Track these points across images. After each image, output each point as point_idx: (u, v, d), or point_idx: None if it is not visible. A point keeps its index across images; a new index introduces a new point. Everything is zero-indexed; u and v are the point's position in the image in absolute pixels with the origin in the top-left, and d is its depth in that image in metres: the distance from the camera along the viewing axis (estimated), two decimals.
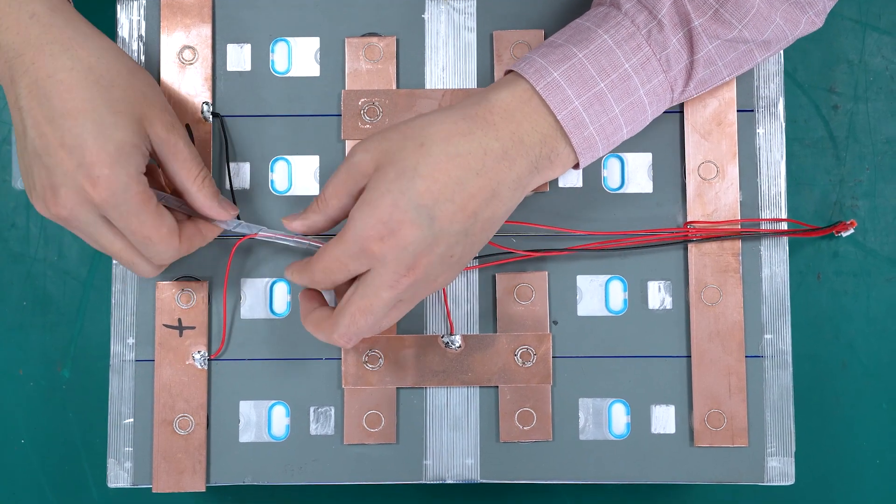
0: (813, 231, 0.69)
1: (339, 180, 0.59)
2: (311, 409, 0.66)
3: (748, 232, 0.66)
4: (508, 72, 0.61)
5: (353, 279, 0.59)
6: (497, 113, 0.58)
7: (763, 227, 0.67)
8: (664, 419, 0.66)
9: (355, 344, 0.60)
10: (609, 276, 0.67)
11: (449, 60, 0.68)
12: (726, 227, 0.66)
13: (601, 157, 0.65)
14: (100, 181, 0.56)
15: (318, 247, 0.63)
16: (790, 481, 0.66)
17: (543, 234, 0.67)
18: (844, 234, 0.72)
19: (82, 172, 0.56)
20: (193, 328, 0.66)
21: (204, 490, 0.66)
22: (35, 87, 0.57)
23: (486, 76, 0.68)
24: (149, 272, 0.62)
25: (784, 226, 0.67)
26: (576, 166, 0.61)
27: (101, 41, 0.59)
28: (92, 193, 0.57)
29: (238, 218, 0.65)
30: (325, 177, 0.68)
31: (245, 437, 0.66)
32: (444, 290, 0.67)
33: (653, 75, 0.60)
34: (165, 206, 0.60)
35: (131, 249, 0.60)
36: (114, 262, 0.67)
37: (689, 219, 0.67)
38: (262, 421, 0.66)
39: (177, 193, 0.62)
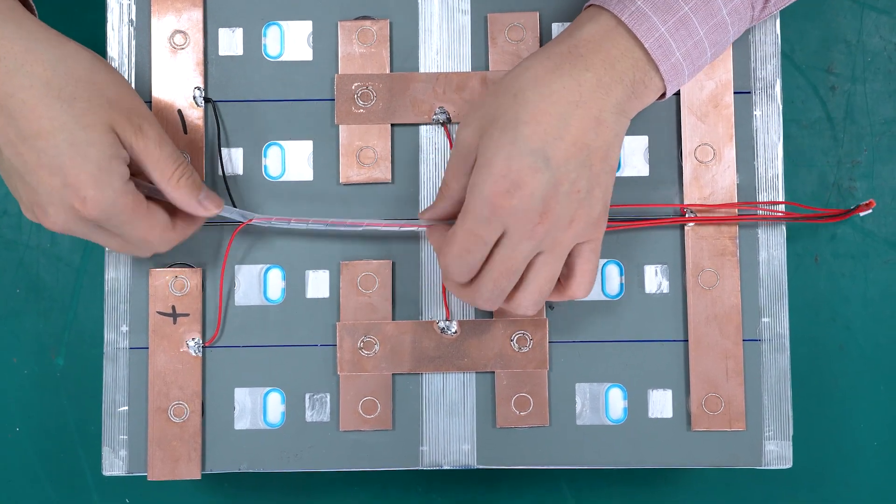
0: (820, 217, 0.69)
1: (453, 162, 0.60)
2: (307, 396, 0.66)
3: (749, 219, 0.66)
4: (588, 6, 0.61)
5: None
6: (583, 46, 0.58)
7: (761, 210, 0.66)
8: (661, 403, 0.66)
9: (497, 306, 0.61)
10: (605, 261, 0.67)
11: (443, 43, 0.68)
12: (724, 211, 0.66)
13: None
14: (87, 201, 0.56)
15: (321, 226, 0.63)
16: (788, 465, 0.66)
17: None
18: (862, 214, 0.70)
19: (69, 193, 0.56)
20: (187, 315, 0.66)
21: (199, 478, 0.65)
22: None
23: (480, 59, 0.67)
24: (152, 252, 0.62)
25: (782, 208, 0.66)
26: (661, 96, 0.61)
27: (59, 48, 0.57)
28: (82, 211, 0.56)
29: (233, 205, 0.64)
30: (318, 161, 0.67)
31: (240, 424, 0.66)
32: (443, 284, 0.66)
33: None
34: (155, 199, 0.60)
35: (128, 245, 0.61)
36: (107, 249, 0.67)
37: (686, 202, 0.66)
38: (258, 408, 0.66)
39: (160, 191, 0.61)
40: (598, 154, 0.58)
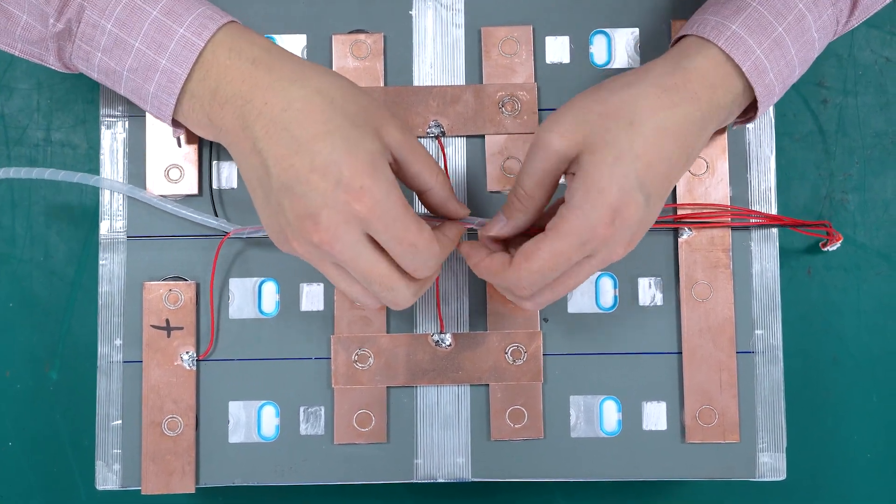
0: (801, 225, 0.69)
1: (539, 170, 0.58)
2: (301, 409, 0.66)
3: (740, 223, 0.66)
4: (683, 36, 0.61)
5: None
6: (695, 81, 0.58)
7: (753, 221, 0.67)
8: (655, 416, 0.66)
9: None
10: (599, 273, 0.67)
11: (437, 57, 0.68)
12: (717, 217, 0.66)
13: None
14: (363, 192, 0.55)
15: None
16: (781, 476, 0.66)
17: None
18: (831, 248, 0.71)
19: (342, 189, 0.55)
20: (181, 329, 0.66)
21: (193, 491, 0.65)
22: (272, 124, 0.56)
23: (474, 73, 0.68)
24: (407, 298, 0.59)
25: (774, 227, 0.67)
26: (750, 118, 0.62)
27: (316, 66, 0.58)
28: (356, 207, 0.55)
29: (216, 216, 0.65)
30: None
31: (234, 437, 0.66)
32: (437, 287, 0.66)
33: (823, 10, 0.60)
34: None
35: (394, 271, 0.58)
36: (100, 262, 0.66)
37: (678, 213, 0.66)
38: (252, 421, 0.66)
39: (419, 193, 0.61)
40: (671, 186, 0.59)
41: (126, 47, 0.58)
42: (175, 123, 0.61)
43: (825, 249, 0.71)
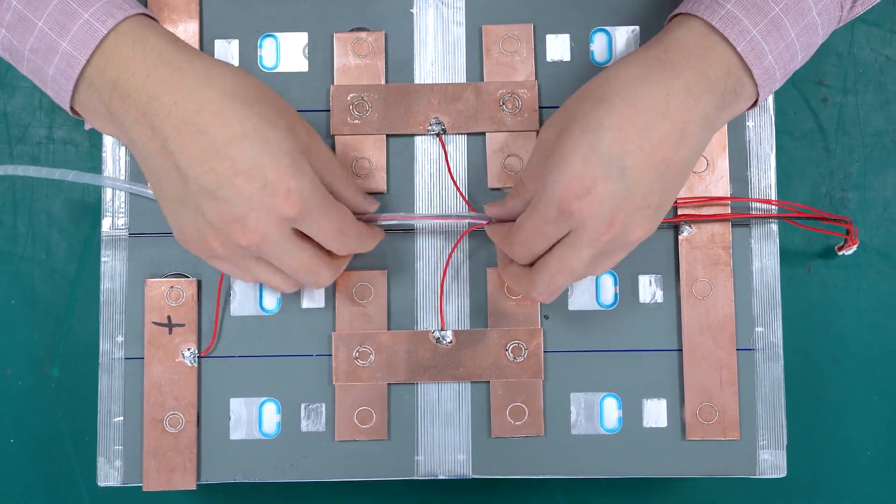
0: (824, 219, 0.69)
1: (532, 161, 0.59)
2: (302, 406, 0.66)
3: (740, 215, 0.66)
4: (675, 15, 0.60)
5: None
6: (673, 51, 0.57)
7: (753, 221, 0.67)
8: (656, 413, 0.66)
9: (553, 298, 0.61)
10: None
11: (438, 55, 0.68)
12: (718, 209, 0.66)
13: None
14: (291, 195, 0.55)
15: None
16: (782, 474, 0.66)
17: None
18: (847, 252, 0.71)
19: (268, 192, 0.55)
20: (183, 325, 0.66)
21: (195, 488, 0.65)
22: (184, 126, 0.55)
23: (475, 70, 0.68)
24: (329, 279, 0.61)
25: (775, 222, 0.67)
26: (753, 104, 0.60)
27: (229, 66, 0.58)
28: (284, 209, 0.55)
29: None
30: None
31: (236, 434, 0.66)
32: (441, 284, 0.66)
33: None
34: None
35: (317, 256, 0.59)
36: (102, 259, 0.67)
37: (679, 212, 0.66)
38: (253, 418, 0.66)
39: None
40: (676, 169, 0.56)
41: (29, 26, 0.57)
42: (75, 112, 0.59)
43: (840, 253, 0.70)
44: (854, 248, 0.69)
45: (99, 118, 0.58)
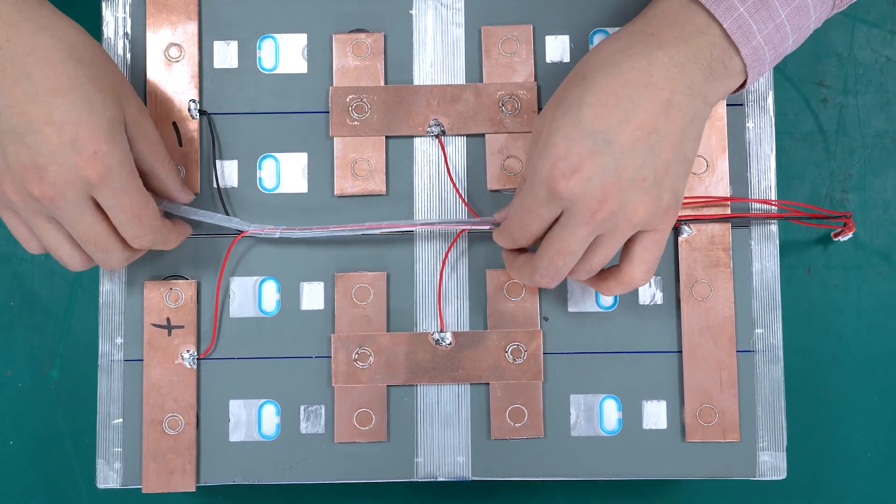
0: (823, 217, 0.69)
1: (529, 153, 0.59)
2: (302, 408, 0.66)
3: (740, 215, 0.66)
4: None
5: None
6: (655, 23, 0.56)
7: (753, 223, 0.67)
8: (656, 415, 0.66)
9: (558, 284, 0.60)
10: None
11: (437, 56, 0.68)
12: (718, 210, 0.66)
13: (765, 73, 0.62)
14: (97, 157, 0.55)
15: (303, 235, 0.63)
16: (782, 476, 0.66)
17: None
18: (842, 238, 0.71)
19: (76, 149, 0.55)
20: (182, 327, 0.66)
21: (194, 490, 0.65)
22: (11, 65, 0.55)
23: (474, 71, 0.68)
24: (120, 261, 0.61)
25: (774, 223, 0.67)
26: (741, 86, 0.59)
27: (73, 23, 0.58)
28: (87, 170, 0.55)
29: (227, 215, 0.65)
30: (313, 174, 0.67)
31: (235, 436, 0.66)
32: (439, 286, 0.66)
33: None
34: None
35: (110, 234, 0.59)
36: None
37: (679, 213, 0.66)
38: (252, 420, 0.66)
39: (143, 175, 0.61)
40: (670, 140, 0.55)
41: None
42: None
43: (836, 239, 0.70)
44: (850, 234, 0.69)
45: None
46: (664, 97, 0.55)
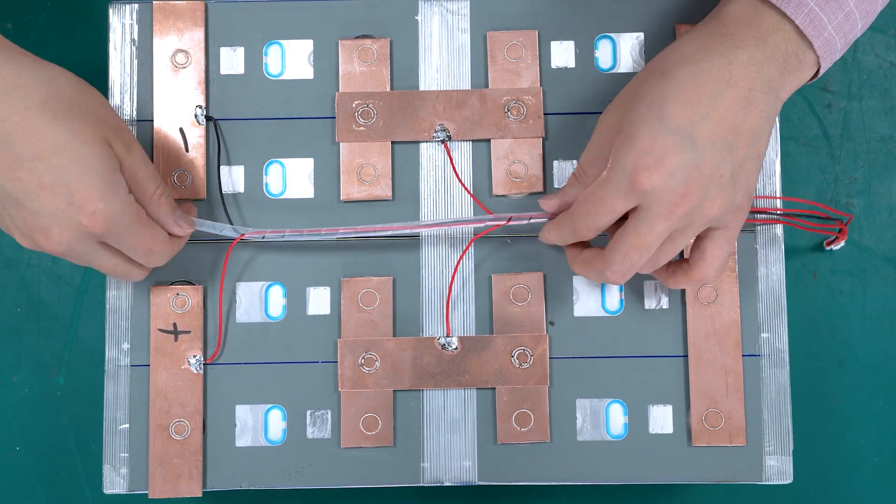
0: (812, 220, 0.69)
1: (593, 146, 0.60)
2: (308, 413, 0.66)
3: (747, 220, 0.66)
4: None
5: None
6: (731, 23, 0.57)
7: (758, 227, 0.67)
8: (662, 419, 0.66)
9: (627, 280, 0.61)
10: None
11: (443, 62, 0.68)
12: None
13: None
14: (96, 215, 0.56)
15: (317, 239, 0.63)
16: (788, 480, 0.66)
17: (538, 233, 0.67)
18: (835, 248, 0.71)
19: (74, 210, 0.55)
20: (189, 332, 0.66)
21: (200, 495, 0.65)
22: None
23: (480, 77, 0.68)
24: (141, 276, 0.63)
25: (780, 227, 0.67)
26: (813, 76, 0.59)
27: (43, 69, 0.57)
28: (89, 227, 0.56)
29: (230, 223, 0.65)
30: (319, 179, 0.67)
31: (241, 441, 0.66)
32: (449, 291, 0.66)
33: None
34: None
35: (127, 262, 0.61)
36: None
37: None
38: (259, 425, 0.66)
39: (138, 201, 0.61)
40: (746, 137, 0.56)
41: None
42: None
43: (829, 248, 0.71)
44: (842, 243, 0.69)
45: None
46: (743, 94, 0.56)
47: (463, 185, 0.67)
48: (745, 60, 0.56)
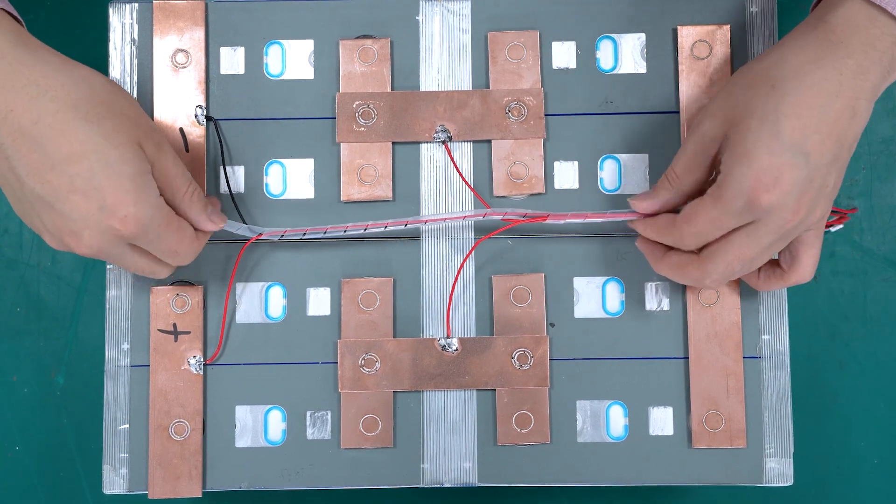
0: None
1: (690, 153, 0.60)
2: (308, 414, 0.66)
3: None
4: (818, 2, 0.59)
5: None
6: (839, 30, 0.56)
7: None
8: (662, 421, 0.66)
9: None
10: (606, 278, 0.67)
11: (443, 62, 0.68)
12: None
13: None
14: (128, 219, 0.55)
15: (335, 237, 0.63)
16: (788, 482, 0.66)
17: (540, 234, 0.67)
18: (832, 230, 0.71)
19: (106, 214, 0.55)
20: (189, 333, 0.66)
21: (200, 496, 0.65)
22: (20, 135, 0.54)
23: (481, 77, 0.68)
24: (167, 274, 0.63)
25: None
26: None
27: (74, 71, 0.56)
28: (121, 230, 0.56)
29: (243, 221, 0.65)
30: (319, 179, 0.67)
31: (241, 442, 0.66)
32: (451, 293, 0.66)
33: None
34: None
35: (154, 262, 0.61)
36: (108, 266, 0.67)
37: None
38: (259, 426, 0.66)
39: (168, 202, 0.61)
40: (848, 146, 0.57)
41: None
42: None
43: (828, 230, 0.70)
44: (840, 226, 0.69)
45: None
46: (850, 104, 0.56)
47: (465, 181, 0.67)
48: (854, 69, 0.56)
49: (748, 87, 0.58)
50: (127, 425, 0.66)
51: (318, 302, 0.67)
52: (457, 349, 0.66)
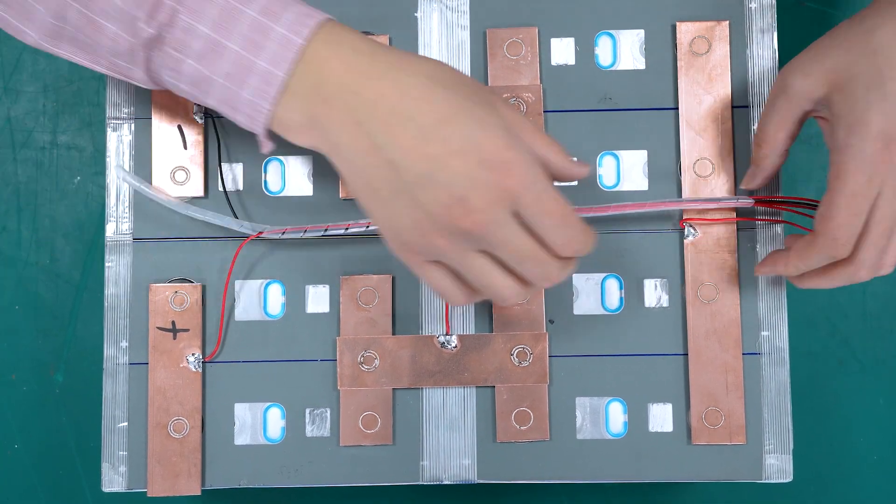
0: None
1: (782, 110, 0.61)
2: (307, 411, 0.66)
3: (746, 218, 0.66)
4: None
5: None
6: None
7: (759, 225, 0.67)
8: (661, 417, 0.66)
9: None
10: (605, 275, 0.67)
11: (442, 58, 0.68)
12: (723, 213, 0.66)
13: None
14: (509, 166, 0.53)
15: (337, 234, 0.63)
16: (788, 478, 0.66)
17: None
18: None
19: (486, 168, 0.53)
20: (187, 331, 0.66)
21: (199, 493, 0.65)
22: (392, 115, 0.54)
23: (479, 74, 0.68)
24: (559, 275, 0.57)
25: (780, 225, 0.67)
26: None
27: (414, 54, 0.57)
28: (505, 182, 0.53)
29: (235, 218, 0.65)
30: (318, 177, 0.67)
31: (240, 439, 0.66)
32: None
33: None
34: None
35: (542, 248, 0.56)
36: (106, 263, 0.67)
37: (684, 217, 0.66)
38: (258, 423, 0.66)
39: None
40: None
41: (221, 51, 0.55)
42: (268, 134, 0.58)
43: None
44: None
45: (299, 131, 0.56)
46: None
47: None
48: None
49: (847, 50, 0.58)
50: (126, 423, 0.66)
51: (317, 299, 0.67)
52: (456, 346, 0.66)
